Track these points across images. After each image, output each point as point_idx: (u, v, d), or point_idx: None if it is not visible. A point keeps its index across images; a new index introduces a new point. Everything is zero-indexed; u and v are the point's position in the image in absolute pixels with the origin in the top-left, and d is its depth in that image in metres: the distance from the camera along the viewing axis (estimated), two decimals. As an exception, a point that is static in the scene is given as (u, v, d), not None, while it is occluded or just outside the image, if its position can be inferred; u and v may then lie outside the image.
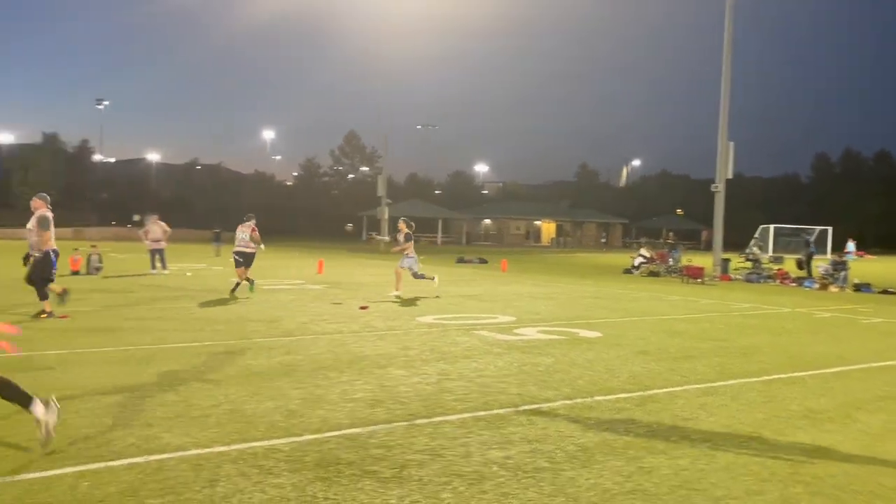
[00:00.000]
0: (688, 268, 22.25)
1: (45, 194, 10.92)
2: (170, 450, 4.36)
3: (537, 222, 73.04)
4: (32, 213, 10.43)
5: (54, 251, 10.27)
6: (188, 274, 19.57)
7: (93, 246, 20.40)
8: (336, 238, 63.89)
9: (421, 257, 16.00)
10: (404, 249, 14.79)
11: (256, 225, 14.61)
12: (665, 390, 6.44)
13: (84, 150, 78.41)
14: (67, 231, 56.93)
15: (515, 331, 9.97)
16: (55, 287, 10.40)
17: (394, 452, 4.43)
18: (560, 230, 71.71)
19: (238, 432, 4.77)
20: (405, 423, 5.10)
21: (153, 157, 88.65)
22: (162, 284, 16.18)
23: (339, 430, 4.90)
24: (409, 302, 13.57)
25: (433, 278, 15.19)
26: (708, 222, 40.15)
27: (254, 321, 10.31)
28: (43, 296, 10.17)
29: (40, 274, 10.16)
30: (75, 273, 18.15)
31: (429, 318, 11.11)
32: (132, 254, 29.44)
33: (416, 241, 15.60)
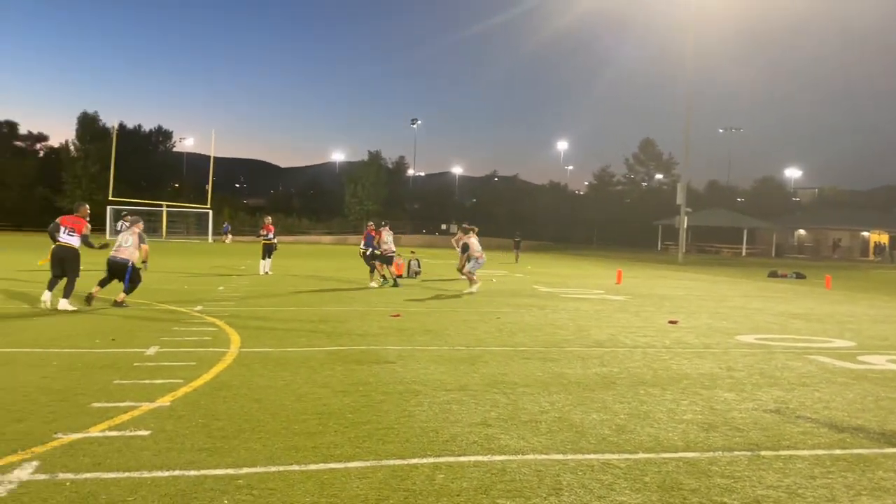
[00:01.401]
0: None
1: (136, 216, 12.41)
2: (509, 452, 4.51)
3: (865, 233, 63.90)
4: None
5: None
6: (493, 280, 20.58)
7: (412, 252, 22.47)
8: (630, 247, 62.63)
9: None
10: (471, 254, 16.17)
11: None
12: None
13: (401, 165, 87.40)
14: (386, 238, 63.67)
15: (860, 358, 8.72)
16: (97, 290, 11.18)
17: (742, 485, 4.07)
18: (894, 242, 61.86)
19: (570, 442, 4.78)
20: (748, 453, 4.67)
21: (456, 170, 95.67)
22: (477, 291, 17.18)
23: (675, 452, 4.65)
24: (723, 317, 12.68)
25: (477, 283, 16.29)
26: None
27: (562, 329, 10.42)
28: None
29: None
30: (399, 276, 20.14)
31: (749, 338, 10.24)
32: (442, 259, 31.90)
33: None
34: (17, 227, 65.74)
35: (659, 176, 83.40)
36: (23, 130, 78.18)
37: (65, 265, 10.79)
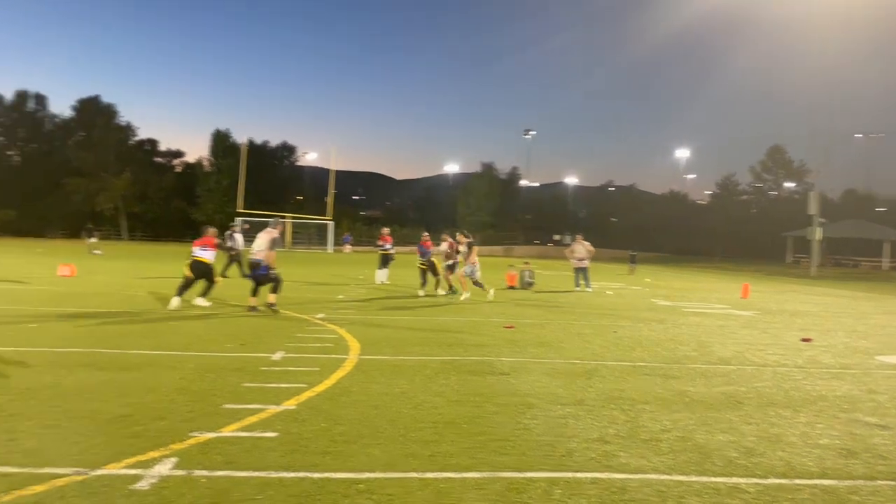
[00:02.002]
0: None
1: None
2: (629, 470, 4.38)
3: None
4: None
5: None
6: (608, 293, 20.12)
7: (525, 263, 22.37)
8: (756, 260, 59.46)
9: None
10: (469, 259, 16.37)
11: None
12: None
13: (514, 176, 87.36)
14: (498, 249, 63.83)
15: None
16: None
17: (888, 518, 3.75)
18: None
19: (694, 463, 4.58)
20: (893, 483, 4.31)
21: (571, 180, 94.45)
22: (588, 302, 16.90)
23: (810, 478, 4.36)
24: (862, 336, 11.78)
25: (490, 291, 16.50)
26: None
27: (683, 345, 10.02)
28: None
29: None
30: (511, 288, 20.12)
31: (893, 359, 9.45)
32: (555, 271, 31.56)
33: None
34: (157, 238, 70.95)
35: (789, 184, 78.79)
36: (162, 147, 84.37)
37: (203, 275, 12.87)
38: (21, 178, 70.74)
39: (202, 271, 12.81)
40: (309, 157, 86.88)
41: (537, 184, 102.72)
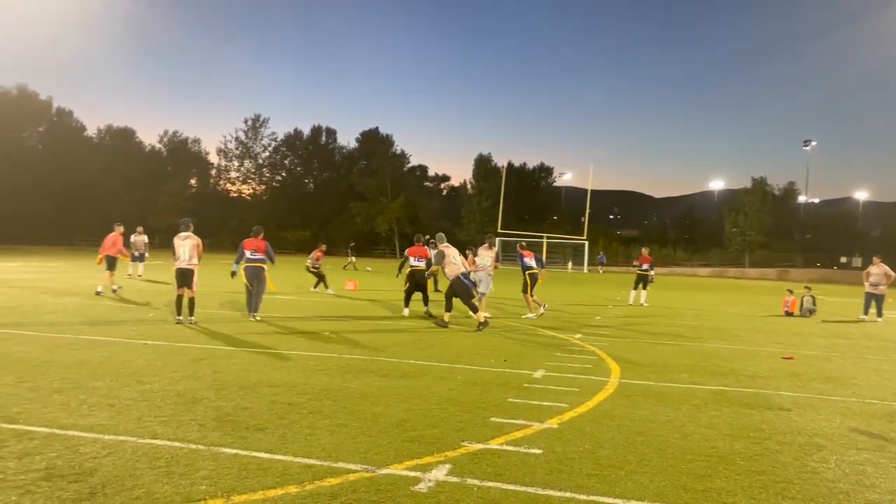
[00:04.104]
0: None
1: (441, 234, 13.67)
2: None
3: None
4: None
5: (462, 275, 12.66)
6: (912, 324, 17.38)
7: (806, 287, 20.22)
8: None
9: None
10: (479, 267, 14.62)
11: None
12: None
13: (790, 191, 79.74)
14: (771, 272, 58.54)
15: None
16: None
17: None
18: None
19: None
20: None
21: (860, 195, 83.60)
22: (883, 334, 14.76)
23: None
24: None
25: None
26: None
27: None
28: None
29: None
30: (789, 314, 18.30)
31: None
32: (841, 297, 28.10)
33: None
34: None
35: None
36: (431, 173, 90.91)
37: (419, 283, 14.10)
38: (314, 204, 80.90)
39: (417, 279, 14.07)
40: (565, 178, 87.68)
41: (817, 199, 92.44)
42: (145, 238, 23.87)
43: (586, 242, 57.18)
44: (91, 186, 68.21)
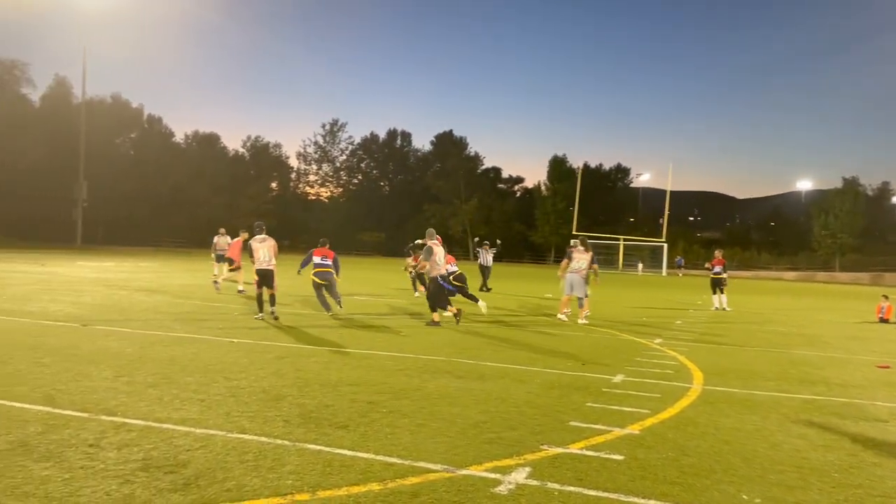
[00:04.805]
0: None
1: (432, 230, 13.33)
2: None
3: None
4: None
5: (441, 277, 12.66)
6: None
7: (884, 297, 19.11)
8: None
9: None
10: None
11: None
12: None
13: (884, 192, 75.69)
14: (864, 276, 55.68)
15: None
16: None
17: None
18: None
19: None
20: None
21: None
22: None
23: None
24: None
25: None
26: None
27: None
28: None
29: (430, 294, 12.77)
30: (884, 321, 17.35)
31: None
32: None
33: None
34: (497, 258, 76.09)
35: None
36: (504, 175, 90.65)
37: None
38: (389, 206, 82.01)
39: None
40: (643, 178, 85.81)
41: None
42: (228, 239, 24.79)
43: (665, 245, 55.84)
44: (178, 190, 71.21)
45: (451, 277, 13.27)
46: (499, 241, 29.00)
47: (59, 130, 60.59)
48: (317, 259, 13.20)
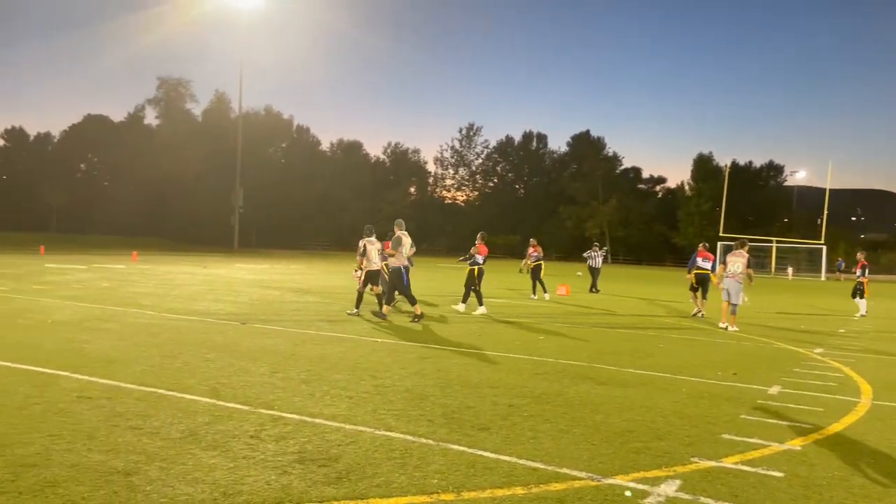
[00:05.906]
0: None
1: (401, 220, 13.19)
2: None
3: None
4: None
5: (404, 267, 12.51)
6: None
7: None
8: None
9: None
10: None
11: None
12: None
13: None
14: None
15: None
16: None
17: None
18: None
19: None
20: None
21: None
22: None
23: None
24: None
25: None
26: None
27: None
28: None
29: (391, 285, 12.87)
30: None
31: None
32: None
33: None
34: (638, 261, 73.88)
35: None
36: (645, 175, 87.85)
37: (705, 285, 15.59)
38: (524, 209, 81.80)
39: (700, 280, 15.58)
40: (798, 176, 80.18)
41: None
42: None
43: (824, 247, 51.82)
44: (323, 196, 74.92)
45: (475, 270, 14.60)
46: (606, 248, 29.78)
47: (219, 142, 65.62)
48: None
